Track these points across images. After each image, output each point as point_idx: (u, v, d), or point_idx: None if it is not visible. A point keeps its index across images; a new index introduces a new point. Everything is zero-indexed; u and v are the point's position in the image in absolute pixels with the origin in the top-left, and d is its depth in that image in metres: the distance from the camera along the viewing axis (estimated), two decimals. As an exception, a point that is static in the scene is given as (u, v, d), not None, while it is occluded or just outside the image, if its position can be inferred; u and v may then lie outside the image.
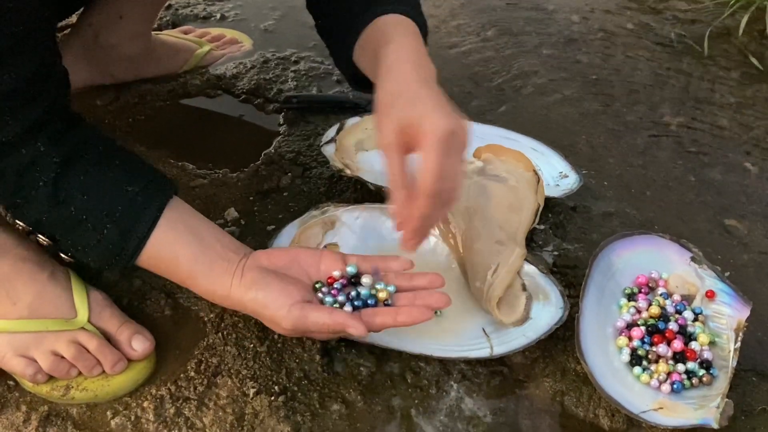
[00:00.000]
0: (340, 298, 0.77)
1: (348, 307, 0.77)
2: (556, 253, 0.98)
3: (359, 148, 1.06)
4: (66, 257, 0.84)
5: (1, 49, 0.66)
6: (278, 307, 0.74)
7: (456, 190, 0.73)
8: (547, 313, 0.86)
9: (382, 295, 0.77)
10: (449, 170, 0.70)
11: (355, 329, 0.73)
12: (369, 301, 0.77)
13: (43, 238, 0.80)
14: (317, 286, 0.78)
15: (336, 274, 0.79)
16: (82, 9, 1.14)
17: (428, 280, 0.79)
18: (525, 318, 0.86)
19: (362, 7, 0.86)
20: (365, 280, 0.79)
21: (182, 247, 0.76)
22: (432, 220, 0.74)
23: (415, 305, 0.76)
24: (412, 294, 0.78)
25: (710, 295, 0.88)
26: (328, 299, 0.77)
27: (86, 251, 0.75)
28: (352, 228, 0.95)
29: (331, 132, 1.07)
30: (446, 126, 0.69)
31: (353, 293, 0.78)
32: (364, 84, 0.87)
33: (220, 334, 0.86)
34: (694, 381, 0.81)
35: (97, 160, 0.74)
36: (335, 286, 0.78)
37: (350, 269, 0.79)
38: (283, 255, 0.79)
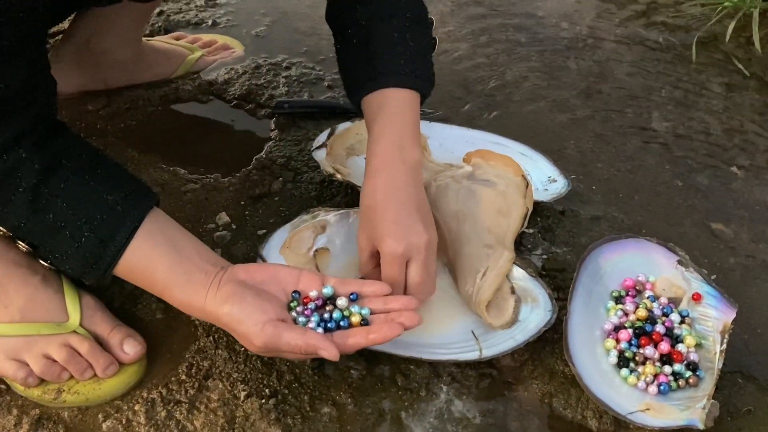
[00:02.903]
0: (314, 318, 0.76)
1: (320, 329, 0.76)
2: (544, 256, 0.99)
3: (350, 153, 1.07)
4: (45, 264, 0.84)
5: None
6: (252, 323, 0.73)
7: (422, 293, 0.83)
8: (535, 316, 0.87)
9: (355, 319, 0.77)
10: (410, 279, 0.83)
11: (328, 352, 0.72)
12: (342, 323, 0.76)
13: (23, 244, 0.79)
14: (292, 305, 0.77)
15: (313, 294, 0.78)
16: (74, 15, 1.15)
17: (402, 303, 0.79)
18: (514, 321, 0.87)
19: (371, 66, 0.90)
20: (340, 302, 0.78)
21: (159, 258, 0.75)
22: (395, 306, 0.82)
23: (386, 322, 0.76)
24: (385, 316, 0.78)
25: (697, 297, 0.89)
26: (302, 319, 0.76)
27: (64, 259, 0.74)
28: (342, 232, 0.95)
29: (322, 137, 1.08)
30: (398, 251, 0.81)
31: (326, 315, 0.77)
32: None
33: (211, 338, 0.87)
34: (680, 382, 0.82)
35: (78, 169, 0.74)
36: (309, 306, 0.77)
37: (326, 290, 0.78)
38: (262, 270, 0.78)
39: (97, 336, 0.83)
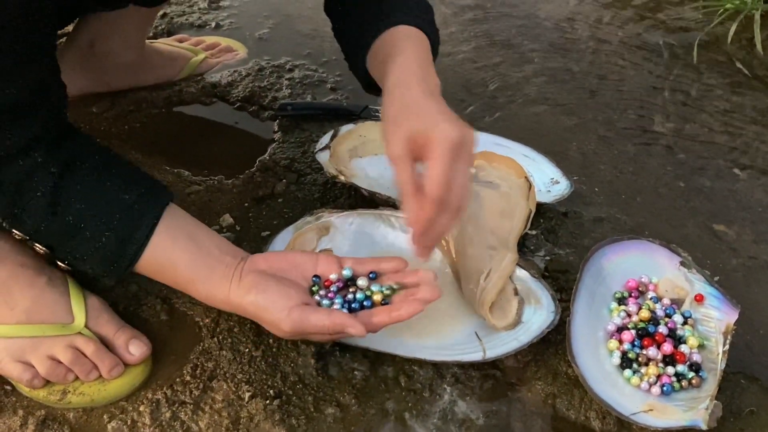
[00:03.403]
0: (337, 300, 0.79)
1: (345, 310, 0.78)
2: (547, 257, 0.99)
3: (353, 154, 1.08)
4: (63, 265, 0.84)
5: (3, 65, 0.67)
6: (278, 309, 0.75)
7: (464, 198, 0.74)
8: (538, 317, 0.87)
9: (377, 297, 0.79)
10: (456, 178, 0.72)
11: (355, 329, 0.74)
12: (365, 303, 0.79)
13: (41, 247, 0.80)
14: (314, 288, 0.80)
15: (332, 277, 0.80)
16: (78, 19, 1.15)
17: (418, 277, 0.80)
18: (517, 322, 0.87)
19: (375, 17, 0.88)
20: (361, 282, 0.80)
21: (180, 253, 0.77)
22: (441, 227, 0.75)
23: (407, 300, 0.78)
24: (405, 292, 0.80)
25: (699, 298, 0.89)
26: (325, 302, 0.78)
27: (84, 259, 0.76)
28: (346, 234, 0.96)
29: (325, 139, 1.08)
30: (455, 135, 0.72)
31: (349, 296, 0.79)
32: (378, 90, 0.88)
33: (215, 339, 0.87)
34: (683, 383, 0.82)
35: (93, 170, 0.75)
36: (332, 288, 0.79)
37: (346, 272, 0.80)
38: (280, 258, 0.81)
39: (102, 337, 0.83)
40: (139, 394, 0.82)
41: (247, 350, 0.86)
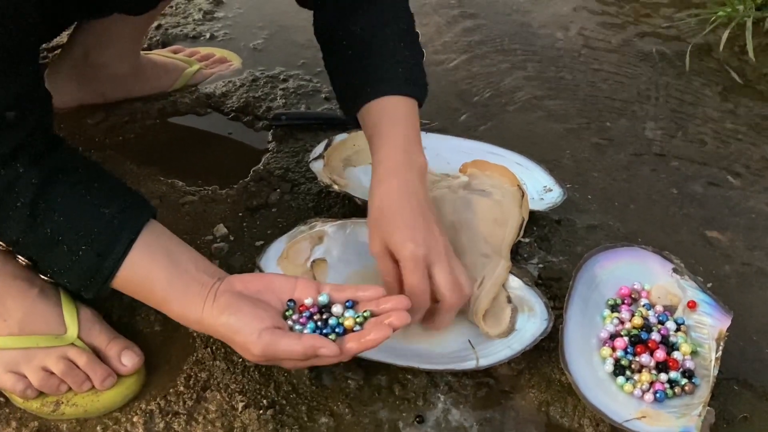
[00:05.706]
0: (309, 327, 0.76)
1: None
2: (540, 265, 0.99)
3: (347, 164, 1.08)
4: (45, 277, 0.84)
5: None
6: (249, 332, 0.72)
7: (457, 292, 0.83)
8: (532, 324, 0.87)
9: (348, 323, 0.76)
10: (423, 285, 0.82)
11: (328, 349, 0.72)
12: (337, 329, 0.76)
13: (23, 258, 0.80)
14: (288, 313, 0.77)
15: (308, 302, 0.77)
16: (72, 29, 1.16)
17: (393, 303, 0.77)
18: (510, 330, 0.87)
19: (366, 83, 0.91)
20: (335, 309, 0.77)
21: (157, 270, 0.75)
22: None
23: (376, 325, 0.75)
24: (375, 318, 0.77)
25: (692, 305, 0.89)
26: (297, 327, 0.76)
27: (62, 272, 0.74)
28: (339, 243, 0.96)
29: (319, 148, 1.09)
30: (419, 253, 0.81)
31: (320, 323, 0.76)
32: None
33: (208, 349, 0.87)
34: (676, 390, 0.82)
35: (75, 183, 0.74)
36: (305, 314, 0.77)
37: (322, 298, 0.77)
38: (257, 280, 0.78)
39: (95, 348, 0.83)
40: (133, 405, 0.82)
41: (240, 360, 0.86)
